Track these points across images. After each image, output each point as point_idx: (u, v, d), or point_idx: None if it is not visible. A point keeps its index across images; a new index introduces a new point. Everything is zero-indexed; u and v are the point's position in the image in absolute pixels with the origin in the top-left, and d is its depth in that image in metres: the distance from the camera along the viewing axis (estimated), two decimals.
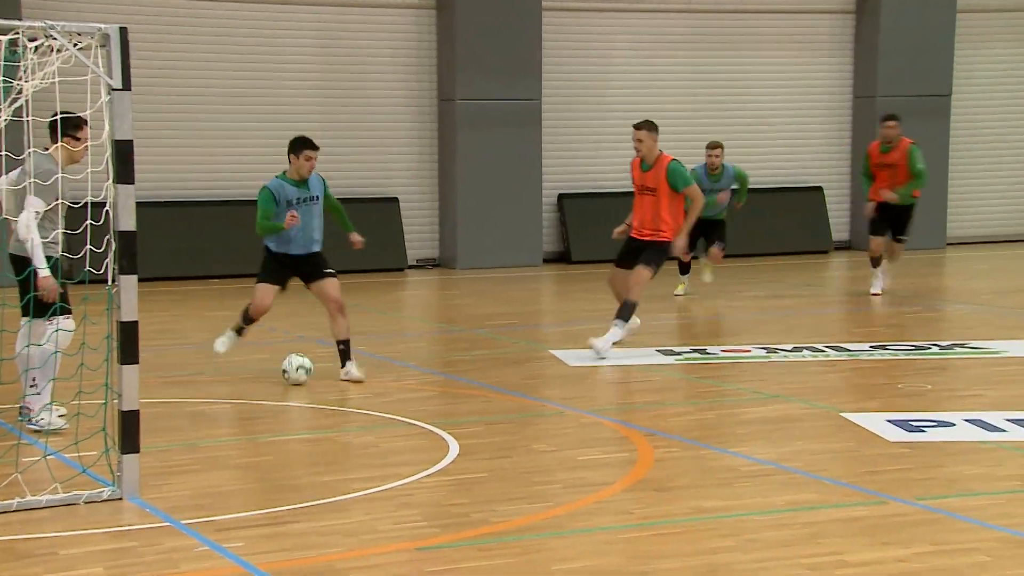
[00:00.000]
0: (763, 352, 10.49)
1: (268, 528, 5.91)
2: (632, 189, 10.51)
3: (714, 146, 13.41)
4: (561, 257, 18.07)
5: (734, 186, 13.58)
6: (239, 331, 9.67)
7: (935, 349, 10.55)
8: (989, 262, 17.64)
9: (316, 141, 9.41)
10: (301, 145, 9.29)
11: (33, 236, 7.09)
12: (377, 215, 16.91)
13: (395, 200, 17.27)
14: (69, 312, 7.42)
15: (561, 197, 18.06)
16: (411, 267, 17.43)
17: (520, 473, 6.92)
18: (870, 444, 7.41)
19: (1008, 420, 7.86)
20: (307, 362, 9.19)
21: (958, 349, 10.53)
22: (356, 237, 9.67)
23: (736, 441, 7.62)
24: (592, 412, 8.36)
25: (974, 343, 10.74)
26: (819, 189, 19.18)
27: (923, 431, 7.68)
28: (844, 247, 19.26)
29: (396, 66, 17.37)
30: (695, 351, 10.63)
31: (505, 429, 7.99)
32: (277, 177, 9.39)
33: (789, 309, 13.25)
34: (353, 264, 13.20)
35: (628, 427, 7.90)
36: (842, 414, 8.15)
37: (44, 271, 7.12)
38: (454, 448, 7.34)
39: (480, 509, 6.18)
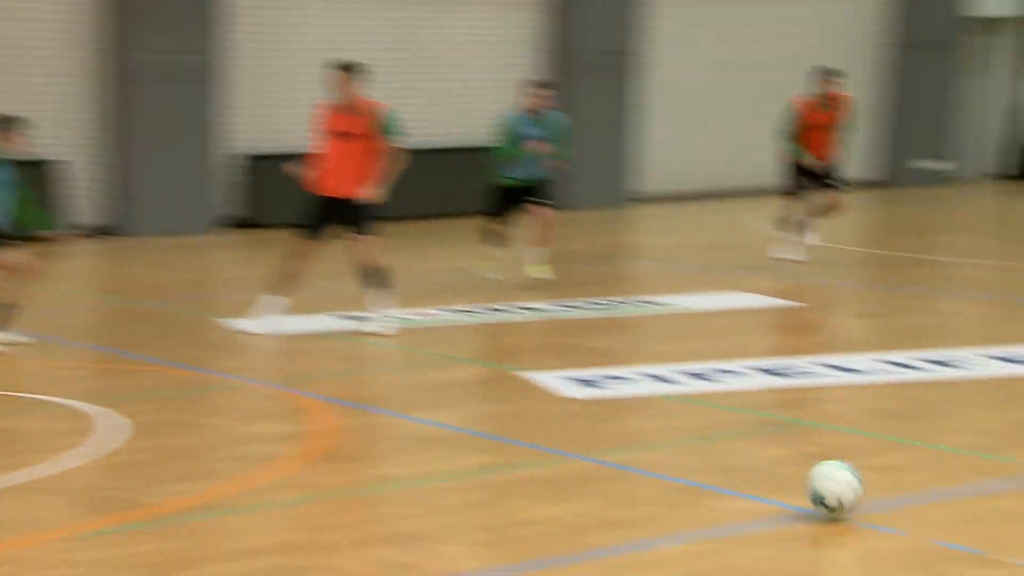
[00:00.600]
0: (449, 314, 10.62)
1: None
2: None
3: (541, 84, 12.71)
4: (245, 223, 17.79)
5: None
6: None
7: (619, 305, 10.93)
8: (670, 218, 18.37)
9: None
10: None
11: None
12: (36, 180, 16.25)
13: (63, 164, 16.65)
14: None
15: (247, 159, 17.75)
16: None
17: (190, 451, 6.82)
18: (552, 403, 7.60)
19: (683, 373, 8.22)
20: None
21: (640, 305, 10.96)
22: None
23: (417, 406, 7.67)
24: (269, 383, 8.31)
25: (655, 298, 11.17)
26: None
27: (604, 387, 7.93)
28: None
29: (51, 19, 16.69)
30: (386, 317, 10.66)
31: (175, 405, 7.83)
32: None
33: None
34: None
35: (307, 396, 7.86)
36: (523, 374, 8.29)
37: None
38: (118, 428, 7.16)
39: (145, 491, 6.04)
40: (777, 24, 21.30)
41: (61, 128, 16.86)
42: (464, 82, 19.21)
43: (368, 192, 9.77)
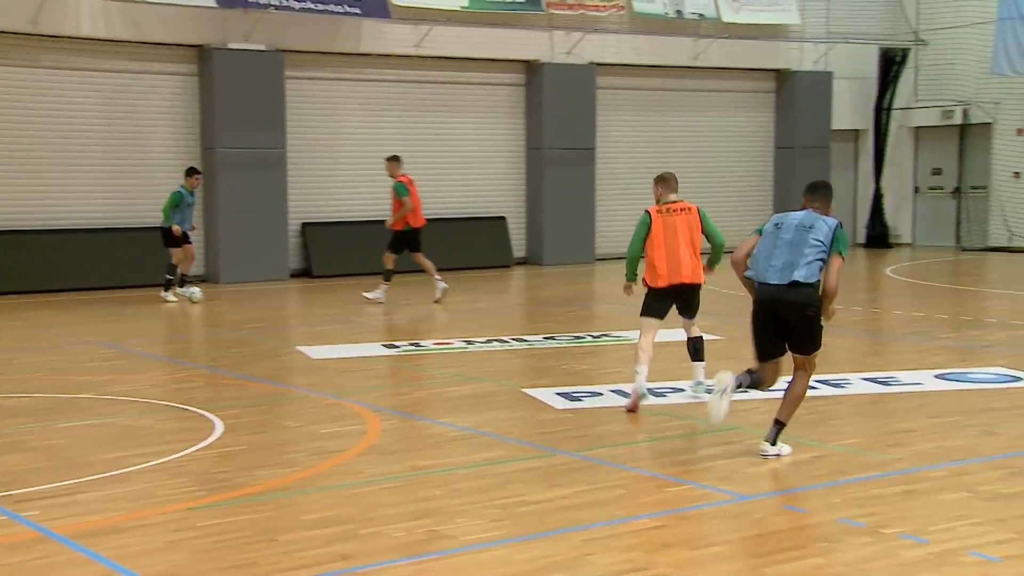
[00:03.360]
0: (464, 344, 10.62)
1: (60, 499, 5.55)
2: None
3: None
4: (304, 272, 17.78)
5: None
6: None
7: (589, 338, 10.93)
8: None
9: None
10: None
11: None
12: (156, 241, 16.16)
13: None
14: None
15: (304, 225, 17.78)
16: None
17: (273, 445, 6.76)
18: (543, 411, 7.59)
19: None
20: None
21: (605, 338, 10.96)
22: None
23: (443, 413, 7.68)
24: (331, 395, 8.25)
25: (616, 333, 11.20)
26: (503, 218, 19.60)
27: (581, 400, 7.93)
28: (522, 262, 19.76)
29: (167, 121, 16.72)
30: (412, 344, 10.65)
31: (260, 410, 7.78)
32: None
33: (482, 310, 13.46)
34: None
35: (360, 405, 7.84)
36: (522, 390, 8.33)
37: None
38: (219, 427, 7.10)
39: (240, 475, 6.00)
40: (694, 129, 21.44)
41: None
42: (466, 169, 19.27)
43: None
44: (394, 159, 13.96)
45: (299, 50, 17.46)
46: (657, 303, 7.40)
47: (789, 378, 6.29)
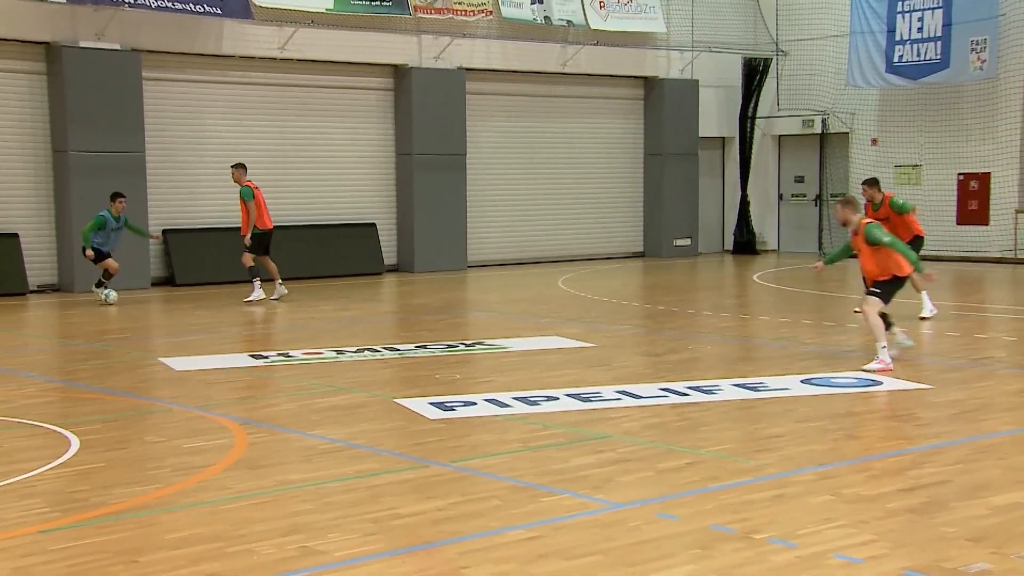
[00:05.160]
0: (334, 354, 10.50)
1: None
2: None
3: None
4: (166, 281, 17.30)
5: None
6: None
7: (462, 347, 10.94)
8: (498, 279, 18.54)
9: None
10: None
11: None
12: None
13: (16, 235, 15.97)
14: None
15: (166, 232, 17.30)
16: (32, 292, 16.11)
17: (134, 461, 6.53)
18: (415, 422, 7.54)
19: (513, 398, 8.25)
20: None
21: (478, 346, 10.98)
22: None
23: (313, 425, 7.56)
24: (196, 408, 8.04)
25: (489, 341, 11.25)
26: (373, 225, 19.46)
27: (454, 409, 7.91)
28: (393, 270, 19.65)
29: (13, 123, 16.06)
30: (280, 355, 10.47)
31: (120, 425, 7.53)
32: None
33: (353, 319, 13.34)
34: None
35: (226, 418, 7.66)
36: (394, 400, 8.28)
37: None
38: (74, 444, 6.83)
39: (99, 494, 5.78)
40: (565, 135, 21.72)
41: (21, 207, 16.23)
42: (335, 175, 19.07)
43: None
44: (240, 166, 14.80)
45: (157, 50, 16.99)
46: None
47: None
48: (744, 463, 6.39)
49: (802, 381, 8.88)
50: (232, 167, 14.86)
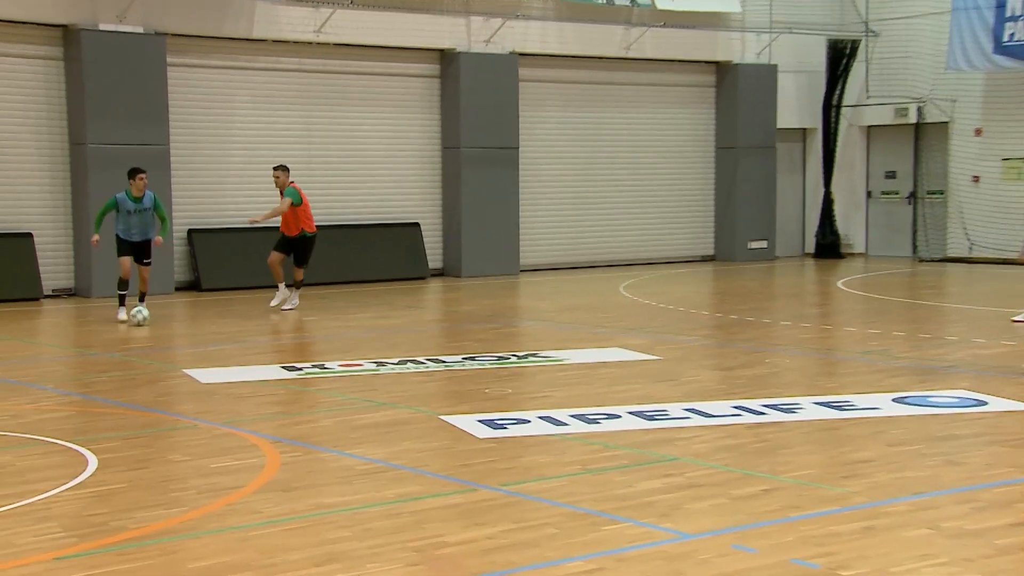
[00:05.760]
0: (373, 366, 10.56)
1: None
2: None
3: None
4: (191, 286, 17.52)
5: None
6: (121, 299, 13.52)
7: (513, 359, 10.95)
8: (553, 285, 18.53)
9: None
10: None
11: None
12: (11, 249, 15.86)
13: (29, 235, 16.26)
14: None
15: (191, 232, 17.53)
16: (46, 296, 16.40)
17: (157, 482, 6.62)
18: (463, 441, 7.56)
19: (570, 416, 8.24)
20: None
21: (531, 358, 10.99)
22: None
23: (352, 444, 7.60)
24: (223, 424, 8.12)
25: (543, 352, 11.25)
26: (416, 225, 19.56)
27: (505, 428, 7.92)
28: (438, 274, 19.73)
29: (27, 112, 16.37)
30: (315, 366, 10.55)
31: (142, 443, 7.63)
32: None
33: (394, 328, 13.41)
34: None
35: (257, 436, 7.73)
36: (440, 416, 8.31)
37: None
38: (92, 463, 6.93)
39: (119, 517, 5.85)
40: (627, 126, 21.67)
41: (36, 204, 16.52)
42: (375, 170, 19.19)
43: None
44: (283, 168, 14.82)
45: (183, 34, 17.23)
46: None
47: None
48: (829, 490, 6.32)
49: (894, 400, 8.77)
50: (275, 170, 14.77)
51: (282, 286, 14.71)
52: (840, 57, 22.96)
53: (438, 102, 19.65)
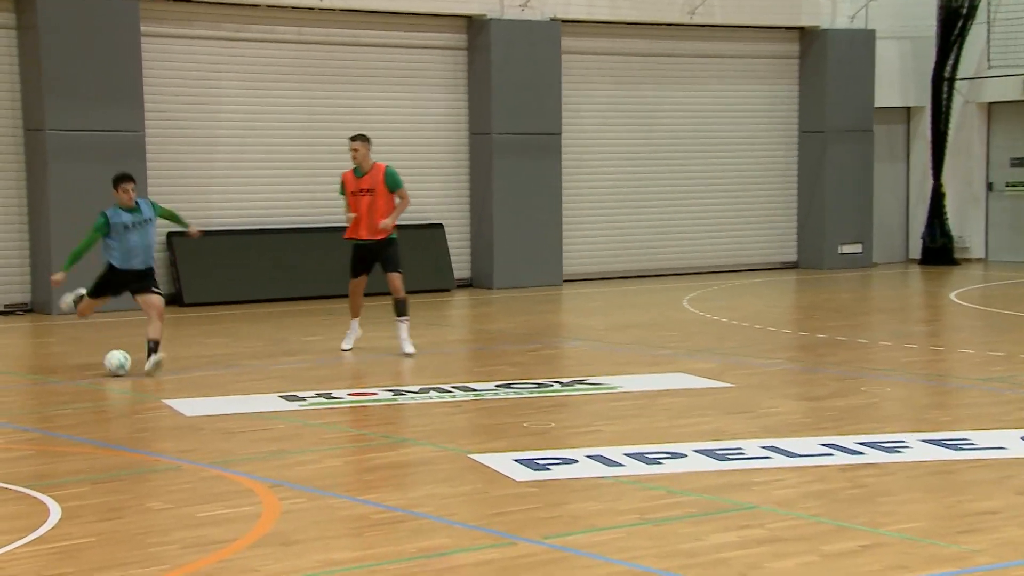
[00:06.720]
0: (390, 395, 10.61)
1: None
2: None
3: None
4: (173, 300, 17.65)
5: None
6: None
7: (556, 386, 10.98)
8: (603, 299, 18.54)
9: None
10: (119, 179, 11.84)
11: None
12: None
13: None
14: None
15: (170, 236, 17.67)
16: (1, 313, 16.59)
17: (133, 535, 6.67)
18: (498, 484, 7.59)
19: (625, 454, 8.24)
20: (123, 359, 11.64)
21: (578, 385, 11.01)
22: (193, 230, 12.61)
23: (364, 488, 7.64)
24: (212, 464, 8.18)
25: (592, 379, 11.27)
26: (439, 226, 19.63)
27: (548, 469, 7.94)
28: (466, 285, 19.80)
29: None
30: (320, 395, 10.61)
31: (114, 488, 7.69)
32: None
33: (415, 349, 13.42)
34: None
35: (252, 479, 7.78)
36: (470, 455, 8.34)
37: None
38: (55, 512, 7.01)
39: None
40: (691, 107, 21.65)
41: None
42: (389, 160, 19.28)
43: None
44: (365, 138, 13.04)
45: None
46: None
47: None
48: (943, 547, 6.30)
49: (1023, 438, 8.73)
50: (353, 140, 13.03)
51: (355, 323, 13.20)
52: (955, 18, 22.81)
53: (465, 79, 19.74)
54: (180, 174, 17.84)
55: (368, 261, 12.88)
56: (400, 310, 12.78)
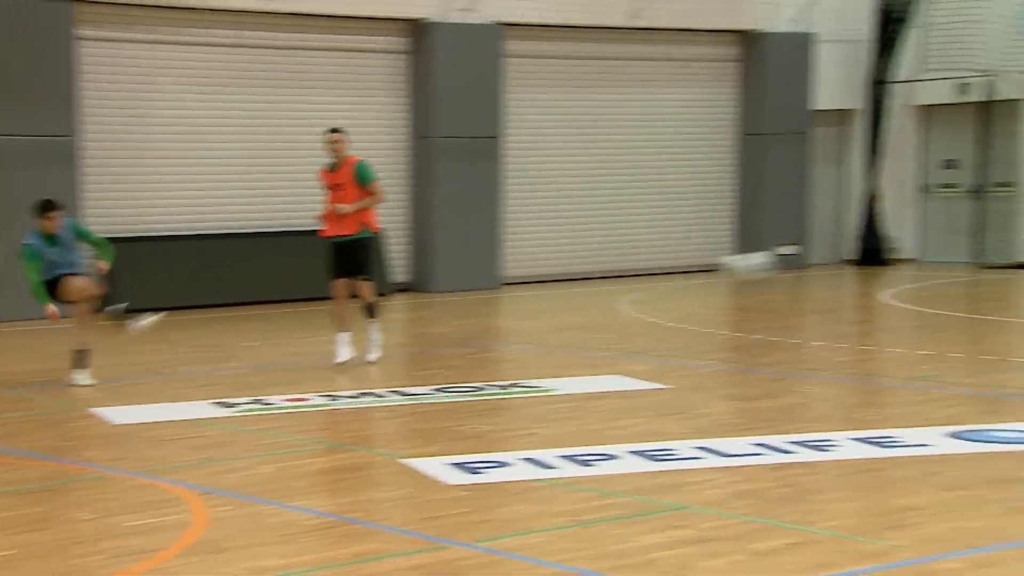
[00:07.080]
0: (323, 400, 10.57)
1: None
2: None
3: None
4: (107, 306, 17.46)
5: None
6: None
7: (493, 390, 10.98)
8: (542, 301, 18.54)
9: None
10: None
11: None
12: None
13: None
14: None
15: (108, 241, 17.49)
16: None
17: (59, 546, 6.59)
18: (430, 489, 7.57)
19: (559, 457, 8.24)
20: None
21: (514, 389, 11.01)
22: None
23: (296, 494, 7.58)
24: (141, 473, 8.11)
25: (529, 382, 11.27)
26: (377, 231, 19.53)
27: (481, 472, 7.93)
28: (404, 289, 19.74)
29: None
30: (253, 402, 10.54)
31: (40, 498, 7.61)
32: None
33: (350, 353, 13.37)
34: None
35: (181, 486, 7.71)
36: (402, 460, 8.31)
37: None
38: None
39: None
40: (633, 110, 21.69)
41: None
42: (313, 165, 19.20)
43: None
44: (342, 131, 12.73)
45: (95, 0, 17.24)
46: None
47: None
48: (870, 544, 6.35)
49: (950, 435, 8.81)
50: (332, 132, 12.78)
51: (344, 337, 12.41)
52: (890, 23, 23.04)
53: (407, 83, 19.70)
54: (116, 179, 17.67)
55: (341, 259, 12.52)
56: (369, 313, 12.54)
